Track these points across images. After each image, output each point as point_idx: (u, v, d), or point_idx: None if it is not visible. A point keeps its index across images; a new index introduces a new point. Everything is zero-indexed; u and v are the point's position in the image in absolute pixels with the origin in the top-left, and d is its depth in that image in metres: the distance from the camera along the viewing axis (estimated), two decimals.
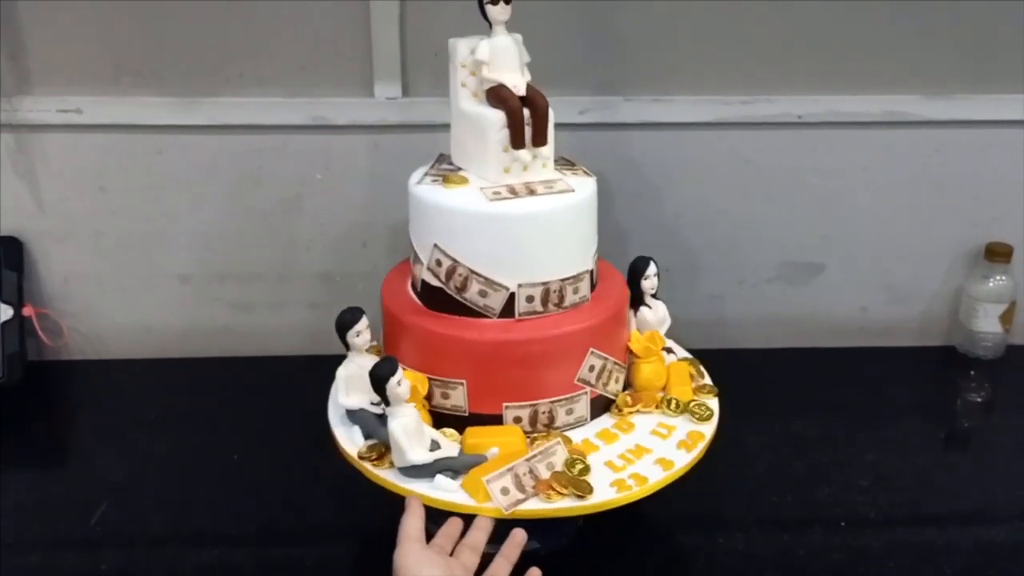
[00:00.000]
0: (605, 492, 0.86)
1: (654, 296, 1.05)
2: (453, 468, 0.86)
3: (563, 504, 0.85)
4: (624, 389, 1.00)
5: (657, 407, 0.99)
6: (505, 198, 0.92)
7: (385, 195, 1.26)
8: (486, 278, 0.92)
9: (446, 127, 1.21)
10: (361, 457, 0.90)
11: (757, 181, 1.28)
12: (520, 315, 0.93)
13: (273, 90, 1.20)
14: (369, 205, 1.26)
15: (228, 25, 1.17)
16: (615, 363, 0.97)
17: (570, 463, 0.89)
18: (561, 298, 0.94)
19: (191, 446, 1.13)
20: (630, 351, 1.01)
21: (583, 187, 0.96)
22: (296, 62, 1.19)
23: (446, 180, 0.95)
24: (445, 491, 0.85)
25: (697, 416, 0.97)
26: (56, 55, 1.18)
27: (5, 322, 1.22)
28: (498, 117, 0.92)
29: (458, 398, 0.92)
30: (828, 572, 0.94)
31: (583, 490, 0.85)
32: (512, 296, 0.92)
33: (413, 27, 1.17)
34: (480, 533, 0.84)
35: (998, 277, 1.30)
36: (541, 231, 0.92)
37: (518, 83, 0.94)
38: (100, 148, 1.22)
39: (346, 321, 0.93)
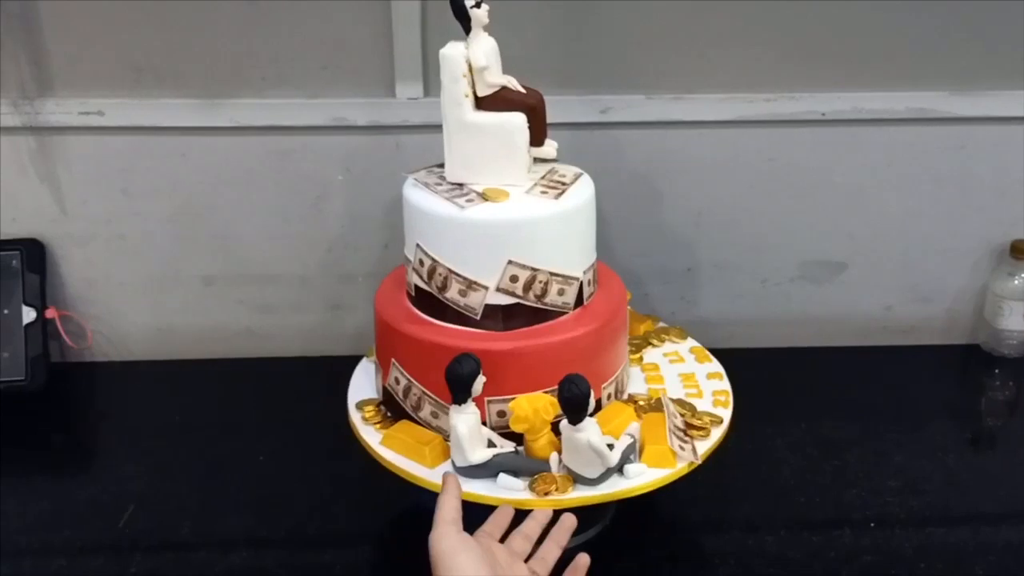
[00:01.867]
0: (721, 412, 0.97)
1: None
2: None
3: (717, 434, 0.94)
4: None
5: (648, 344, 1.11)
6: (561, 193, 0.93)
7: None
8: (564, 276, 0.93)
9: None
10: (541, 493, 0.87)
11: (780, 179, 1.27)
12: (586, 300, 0.96)
13: (294, 91, 1.20)
14: (390, 206, 1.26)
15: (249, 27, 1.16)
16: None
17: (681, 406, 0.97)
18: (598, 273, 1.00)
19: (216, 448, 1.13)
20: None
21: (574, 168, 1.00)
22: (317, 63, 1.19)
23: (485, 196, 0.93)
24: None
25: (675, 335, 1.12)
26: (78, 58, 1.17)
27: (28, 324, 1.23)
28: (522, 119, 0.92)
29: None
30: (860, 574, 0.93)
31: (715, 417, 0.95)
32: (581, 285, 0.94)
33: (434, 27, 1.17)
34: (536, 524, 0.82)
35: None
36: (590, 213, 0.96)
37: (517, 83, 0.94)
38: (122, 150, 1.22)
39: (473, 369, 0.85)
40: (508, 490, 0.87)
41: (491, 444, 0.89)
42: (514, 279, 0.91)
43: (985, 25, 1.20)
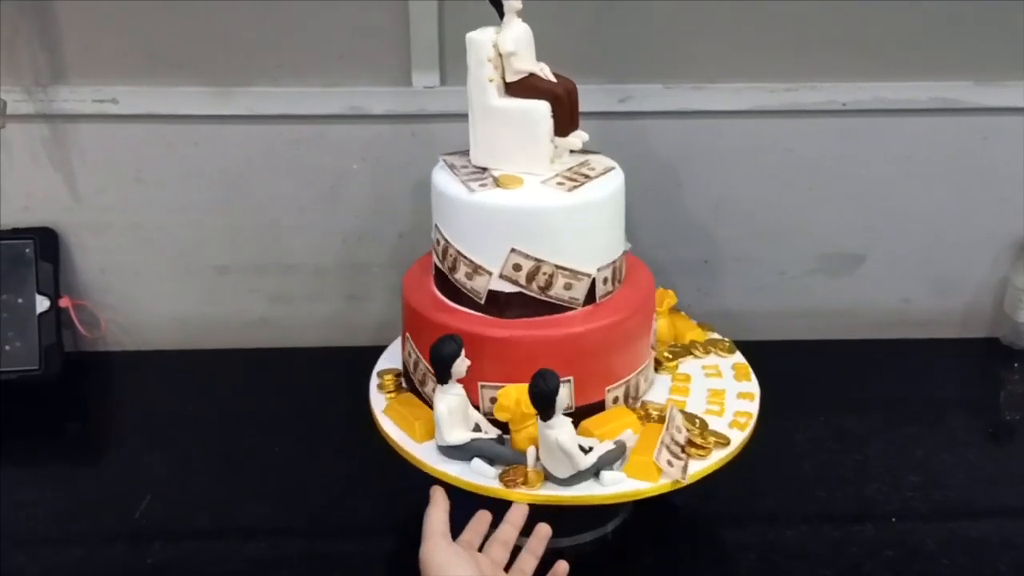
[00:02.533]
0: (733, 434, 0.92)
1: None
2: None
3: (717, 456, 0.89)
4: None
5: (689, 354, 1.06)
6: (577, 185, 0.91)
7: (422, 185, 1.24)
8: (571, 270, 0.91)
9: None
10: (508, 484, 0.86)
11: (800, 170, 1.26)
12: (599, 299, 0.94)
13: (310, 80, 1.19)
14: (406, 195, 1.25)
15: (265, 14, 1.15)
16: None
17: (691, 421, 0.93)
18: (623, 273, 0.98)
19: (231, 438, 1.12)
20: None
21: (609, 162, 0.98)
22: (333, 51, 1.18)
23: (500, 182, 0.92)
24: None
25: (722, 349, 1.07)
26: (92, 45, 1.17)
27: (42, 314, 1.22)
28: (546, 108, 0.91)
29: (564, 396, 0.89)
30: (882, 569, 0.93)
31: (722, 438, 0.90)
32: (593, 282, 0.92)
33: (452, 15, 1.16)
34: (511, 528, 0.83)
35: None
36: (611, 211, 0.94)
37: (544, 69, 0.93)
38: (136, 138, 1.21)
39: (451, 351, 0.85)
40: (478, 475, 0.86)
41: (477, 428, 0.88)
42: (517, 268, 0.90)
43: (1009, 14, 1.19)
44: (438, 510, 0.82)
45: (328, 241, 1.27)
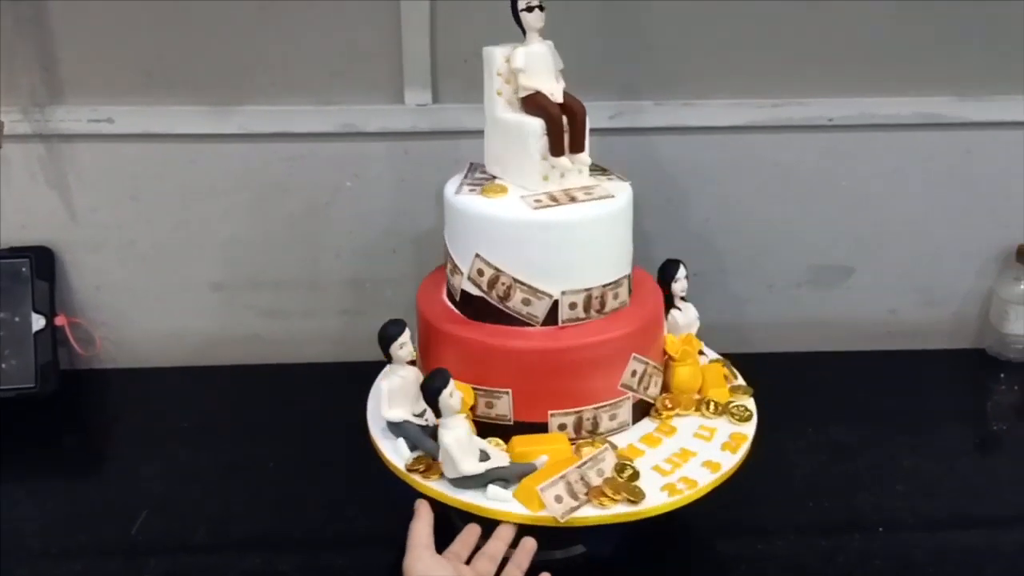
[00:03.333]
0: (656, 497, 0.87)
1: (683, 299, 1.06)
2: (504, 478, 0.87)
3: (617, 510, 0.85)
4: (661, 392, 1.00)
5: (696, 409, 1.00)
6: (547, 206, 0.92)
7: (415, 201, 1.26)
8: (529, 286, 0.92)
9: (476, 133, 1.21)
10: (409, 469, 0.90)
11: (787, 184, 1.28)
12: (563, 322, 0.93)
13: (304, 98, 1.20)
14: (399, 212, 1.26)
15: (258, 34, 1.17)
16: (655, 367, 0.98)
17: (619, 468, 0.89)
18: (602, 304, 0.94)
19: (226, 453, 1.13)
20: (667, 354, 1.01)
21: (621, 192, 0.96)
22: (326, 70, 1.19)
23: (484, 190, 0.95)
24: (499, 501, 0.86)
25: (737, 417, 0.98)
26: (87, 65, 1.18)
27: (38, 332, 1.23)
28: (538, 125, 0.92)
29: (503, 407, 0.92)
30: None
31: (635, 495, 0.86)
32: (556, 304, 0.92)
33: (443, 34, 1.18)
34: (500, 543, 0.84)
35: None
36: (583, 238, 0.92)
37: (554, 90, 0.94)
38: (132, 157, 1.22)
39: (390, 334, 0.92)
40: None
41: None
42: (480, 273, 0.93)
43: (990, 31, 1.21)
44: (422, 523, 0.83)
45: (322, 257, 1.28)
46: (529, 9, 0.93)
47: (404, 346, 0.92)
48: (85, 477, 1.12)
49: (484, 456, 0.87)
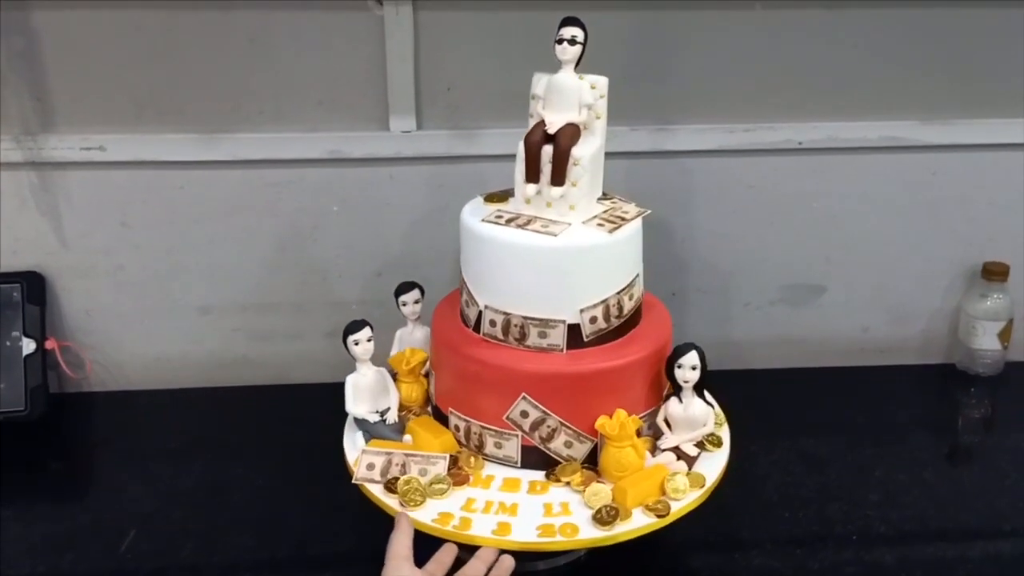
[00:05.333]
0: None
1: (699, 393, 0.97)
2: (377, 436, 0.99)
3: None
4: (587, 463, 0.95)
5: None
6: (493, 222, 0.96)
7: (400, 226, 1.29)
8: (470, 292, 0.98)
9: (459, 159, 1.26)
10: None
11: (760, 206, 1.32)
12: (484, 335, 0.97)
13: (291, 125, 1.23)
14: (384, 236, 1.29)
15: (248, 64, 1.20)
16: (562, 423, 0.94)
17: (436, 480, 0.93)
18: (523, 335, 0.94)
19: (214, 475, 1.15)
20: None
21: (584, 239, 0.93)
22: (313, 98, 1.23)
23: (488, 196, 1.00)
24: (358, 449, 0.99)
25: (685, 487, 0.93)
26: (79, 94, 1.21)
27: (28, 355, 1.25)
28: (520, 151, 0.96)
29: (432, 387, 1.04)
30: None
31: (411, 503, 0.91)
32: (507, 318, 0.95)
33: (427, 63, 1.21)
34: (480, 564, 0.86)
35: (995, 295, 1.33)
36: (512, 262, 0.94)
37: (555, 121, 0.95)
38: (122, 184, 1.25)
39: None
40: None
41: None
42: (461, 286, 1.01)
43: (953, 58, 1.26)
44: (402, 535, 0.86)
45: (309, 280, 1.31)
46: (559, 41, 0.95)
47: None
48: (74, 498, 1.13)
49: (380, 412, 1.01)
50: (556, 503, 0.91)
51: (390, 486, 0.93)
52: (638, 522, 0.89)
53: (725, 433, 1.02)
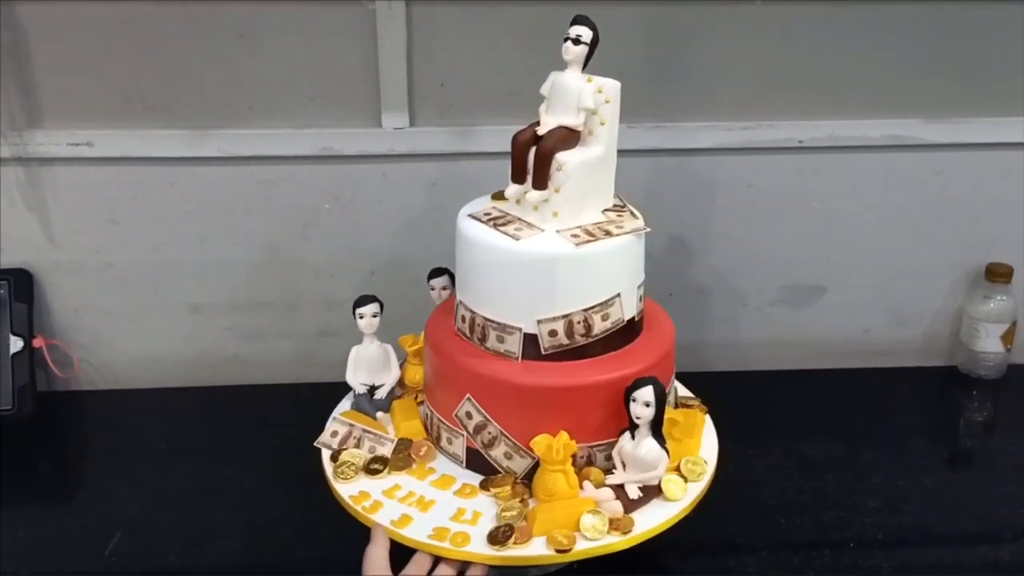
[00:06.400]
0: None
1: (657, 433, 0.88)
2: (355, 405, 1.03)
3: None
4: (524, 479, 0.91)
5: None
6: (477, 218, 0.94)
7: (392, 224, 1.27)
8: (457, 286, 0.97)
9: (452, 156, 1.24)
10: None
11: (760, 205, 1.30)
12: (458, 330, 0.97)
13: (282, 122, 1.22)
14: (376, 234, 1.28)
15: (238, 58, 1.19)
16: (503, 433, 0.90)
17: (375, 460, 0.95)
18: (484, 336, 0.92)
19: (203, 475, 1.13)
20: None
21: (547, 248, 0.89)
22: (305, 94, 1.21)
23: (495, 194, 0.98)
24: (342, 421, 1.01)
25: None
26: (67, 90, 1.19)
27: (15, 354, 1.23)
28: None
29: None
30: None
31: (343, 477, 0.93)
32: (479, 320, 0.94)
33: (420, 58, 1.19)
34: (449, 569, 0.84)
35: (999, 297, 1.31)
36: (478, 261, 0.92)
37: (549, 123, 0.92)
38: (110, 181, 1.23)
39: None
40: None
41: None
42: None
43: (956, 55, 1.24)
44: (379, 548, 0.84)
45: (300, 279, 1.29)
46: (565, 39, 0.92)
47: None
48: (60, 499, 1.12)
49: (372, 387, 1.03)
50: (471, 510, 0.88)
51: (335, 455, 0.96)
52: (534, 550, 0.84)
53: (695, 487, 0.92)
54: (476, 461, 0.93)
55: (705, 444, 0.98)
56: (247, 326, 1.31)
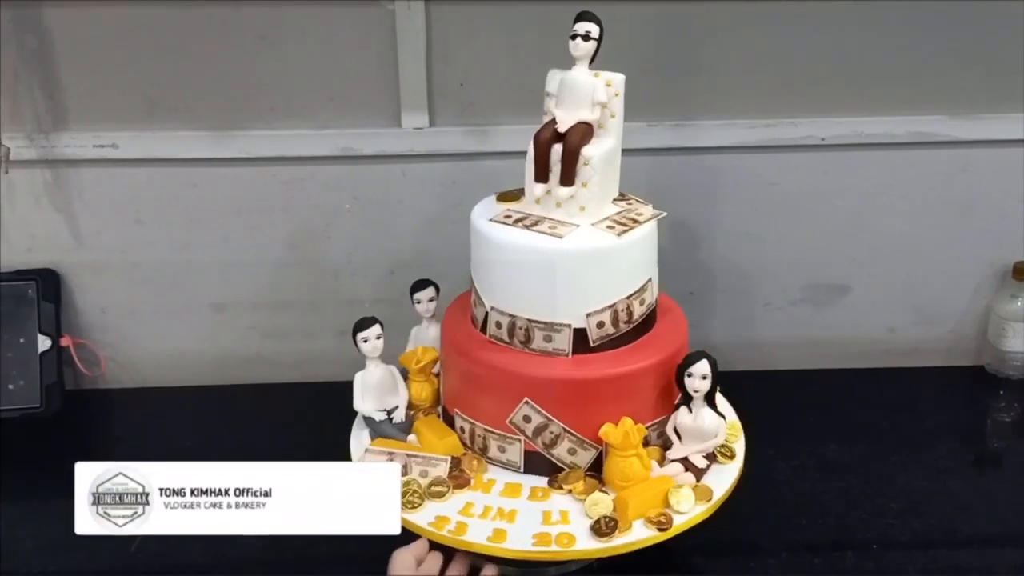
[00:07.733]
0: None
1: (711, 403, 0.93)
2: (376, 431, 0.99)
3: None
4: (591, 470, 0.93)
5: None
6: (501, 222, 0.94)
7: (412, 223, 1.28)
8: (478, 292, 0.96)
9: (471, 155, 1.24)
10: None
11: (782, 203, 1.28)
12: (491, 336, 0.96)
13: (303, 122, 1.22)
14: (396, 233, 1.28)
15: (259, 61, 1.19)
16: (565, 430, 0.91)
17: (437, 481, 0.92)
18: (528, 337, 0.92)
19: None
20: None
21: (592, 242, 0.91)
22: (325, 95, 1.21)
23: (500, 195, 0.98)
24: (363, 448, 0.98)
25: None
26: (92, 92, 1.21)
27: (43, 353, 1.25)
28: (530, 150, 0.93)
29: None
30: None
31: (412, 505, 0.89)
32: (487, 317, 0.95)
33: (439, 59, 1.20)
34: (461, 569, 0.86)
35: None
36: (517, 264, 0.92)
37: (566, 119, 0.92)
38: (135, 182, 1.25)
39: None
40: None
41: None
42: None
43: (983, 49, 1.22)
44: (408, 551, 0.85)
45: (321, 278, 1.30)
46: (572, 37, 0.92)
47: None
48: None
49: (388, 412, 1.00)
50: (556, 511, 0.89)
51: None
52: (638, 535, 0.87)
53: (740, 445, 0.98)
54: (535, 463, 0.93)
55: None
56: (270, 325, 1.32)
